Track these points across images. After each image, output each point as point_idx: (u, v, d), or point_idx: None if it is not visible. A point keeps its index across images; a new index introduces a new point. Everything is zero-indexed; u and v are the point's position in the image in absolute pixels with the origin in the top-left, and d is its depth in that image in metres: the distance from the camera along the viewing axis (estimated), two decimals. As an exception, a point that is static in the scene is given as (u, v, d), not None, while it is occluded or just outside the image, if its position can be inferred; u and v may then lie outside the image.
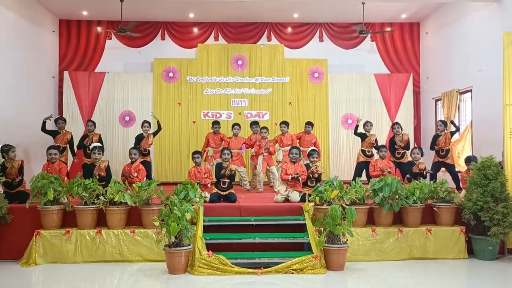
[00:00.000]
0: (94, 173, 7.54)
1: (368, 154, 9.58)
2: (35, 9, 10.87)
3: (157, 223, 5.94)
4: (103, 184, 7.06)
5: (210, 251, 5.99)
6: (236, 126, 9.83)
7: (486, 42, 9.45)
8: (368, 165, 9.24)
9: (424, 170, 8.55)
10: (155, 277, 5.83)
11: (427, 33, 12.34)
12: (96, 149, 7.79)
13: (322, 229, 6.20)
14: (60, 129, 9.62)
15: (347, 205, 6.59)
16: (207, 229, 6.60)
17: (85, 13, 11.74)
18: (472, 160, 7.70)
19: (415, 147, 9.11)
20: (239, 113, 12.15)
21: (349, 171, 11.39)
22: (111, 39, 12.28)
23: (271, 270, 5.87)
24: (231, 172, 7.72)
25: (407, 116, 12.39)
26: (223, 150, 8.08)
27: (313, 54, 12.49)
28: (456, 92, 10.45)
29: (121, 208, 6.69)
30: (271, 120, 11.99)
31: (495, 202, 6.63)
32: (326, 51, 12.51)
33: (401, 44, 12.73)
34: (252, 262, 6.07)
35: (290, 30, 12.60)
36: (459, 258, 6.70)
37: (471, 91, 10.09)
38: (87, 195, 6.71)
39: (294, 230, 6.79)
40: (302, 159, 8.70)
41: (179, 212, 5.85)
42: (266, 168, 9.56)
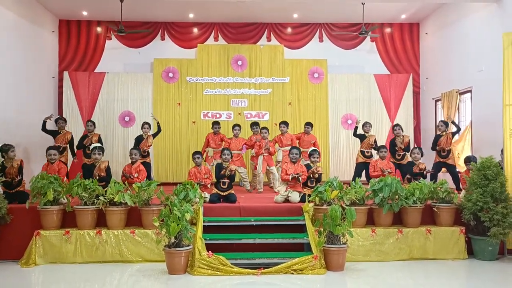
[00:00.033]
0: (94, 173, 7.54)
1: (367, 155, 9.58)
2: (35, 9, 10.87)
3: (157, 224, 5.94)
4: (103, 185, 7.06)
5: (210, 251, 5.99)
6: (236, 127, 9.83)
7: (486, 43, 9.46)
8: (367, 166, 9.25)
9: (424, 170, 8.55)
10: (155, 277, 5.83)
11: (426, 33, 12.35)
12: (96, 149, 7.79)
13: (322, 229, 6.20)
14: (60, 129, 9.62)
15: (347, 205, 6.58)
16: (207, 229, 6.60)
17: (85, 13, 11.74)
18: (472, 160, 7.70)
19: (415, 147, 9.12)
20: (239, 113, 12.15)
21: (348, 172, 11.39)
22: (111, 39, 12.28)
23: (271, 271, 5.87)
24: (231, 172, 7.72)
25: (407, 116, 12.39)
26: (223, 151, 8.07)
27: (313, 55, 12.49)
28: (456, 92, 10.45)
29: (121, 209, 6.69)
30: (271, 121, 11.99)
31: (495, 203, 6.63)
32: (326, 52, 12.52)
33: (400, 44, 12.74)
34: (252, 262, 6.07)
35: (290, 30, 12.60)
36: (458, 259, 6.70)
37: (470, 91, 10.09)
38: (87, 196, 6.71)
39: (294, 231, 6.80)
40: (302, 159, 8.70)
41: (179, 212, 5.85)
42: (266, 169, 9.56)
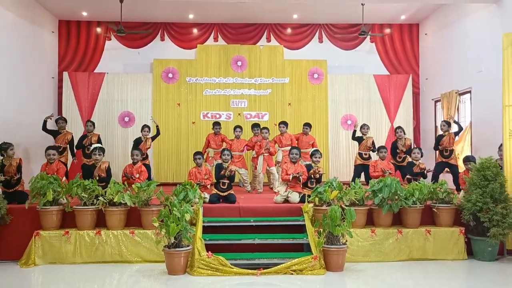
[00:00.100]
0: (94, 174, 7.53)
1: (365, 157, 9.57)
2: (34, 9, 10.86)
3: (156, 224, 5.94)
4: (103, 185, 7.05)
5: (210, 251, 5.99)
6: (238, 129, 9.81)
7: (486, 43, 9.46)
8: (365, 167, 9.31)
9: (425, 170, 8.55)
10: (155, 278, 5.83)
11: (426, 34, 12.35)
12: (97, 150, 7.77)
13: (322, 230, 6.20)
14: (61, 129, 9.60)
15: (346, 206, 6.58)
16: (206, 229, 6.60)
17: (84, 13, 11.74)
18: (471, 160, 7.71)
19: (415, 147, 9.12)
20: (239, 114, 12.15)
21: (348, 172, 11.39)
22: (110, 39, 12.27)
23: (270, 271, 5.87)
24: (231, 173, 7.71)
25: (407, 117, 12.39)
26: (223, 151, 8.06)
27: (312, 55, 12.49)
28: (456, 93, 10.45)
29: (120, 209, 6.69)
30: (270, 121, 11.98)
31: (495, 203, 6.63)
32: (325, 52, 12.52)
33: (400, 45, 12.74)
34: (252, 263, 6.07)
35: (289, 31, 12.60)
36: (458, 259, 6.70)
37: (470, 92, 10.09)
38: (87, 196, 6.71)
39: (293, 231, 6.79)
40: (301, 159, 8.69)
41: (178, 213, 5.85)
42: (266, 169, 9.56)
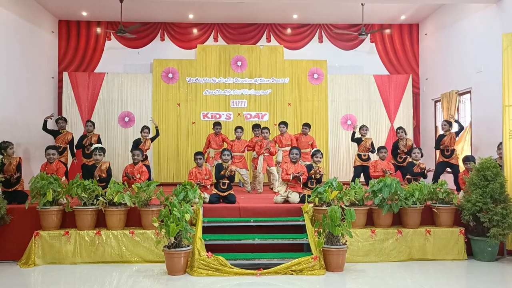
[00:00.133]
0: (94, 174, 7.52)
1: (363, 158, 9.57)
2: (34, 9, 10.86)
3: (156, 224, 5.94)
4: (103, 185, 7.05)
5: (210, 252, 5.99)
6: (238, 129, 9.81)
7: (485, 43, 9.46)
8: (364, 168, 9.34)
9: (425, 169, 8.55)
10: (154, 278, 5.83)
11: (426, 34, 12.35)
12: (97, 150, 7.76)
13: (322, 230, 6.20)
14: (61, 129, 9.59)
15: (346, 206, 6.58)
16: (206, 230, 6.60)
17: (84, 13, 11.74)
18: (470, 159, 7.72)
19: (415, 147, 9.12)
20: (239, 114, 12.15)
21: (348, 172, 11.40)
22: (110, 40, 12.28)
23: (270, 271, 5.87)
24: (231, 173, 7.71)
25: (407, 117, 12.39)
26: (223, 151, 8.06)
27: (312, 55, 12.50)
28: (455, 93, 10.45)
29: (120, 209, 6.69)
30: (270, 121, 11.98)
31: (494, 203, 6.64)
32: (325, 52, 12.52)
33: (400, 45, 12.74)
34: (252, 263, 6.07)
35: (289, 31, 12.60)
36: (458, 259, 6.71)
37: (470, 92, 10.09)
38: (87, 196, 6.71)
39: (293, 231, 6.80)
40: (300, 160, 8.69)
41: (178, 213, 5.85)
42: (266, 169, 9.56)
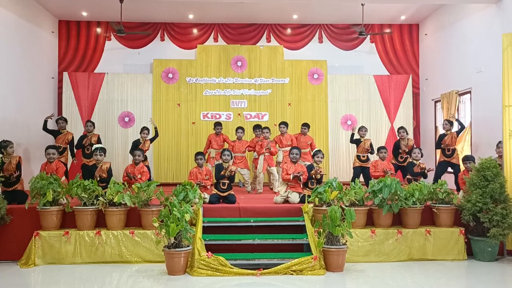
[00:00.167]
0: (95, 174, 7.51)
1: (362, 159, 9.56)
2: (34, 9, 10.86)
3: (156, 224, 5.94)
4: (103, 186, 7.04)
5: (210, 252, 5.99)
6: (239, 130, 9.81)
7: (485, 44, 9.46)
8: (364, 169, 9.34)
9: (425, 169, 8.56)
10: (154, 278, 5.83)
11: (426, 34, 12.36)
12: (98, 150, 7.75)
13: (322, 230, 6.20)
14: (61, 129, 9.58)
15: (346, 206, 6.58)
16: (206, 230, 6.60)
17: (84, 14, 11.74)
18: (470, 159, 7.73)
19: (415, 147, 9.12)
20: (239, 114, 12.15)
21: (348, 172, 11.39)
22: (110, 40, 12.27)
23: (270, 271, 5.87)
24: (231, 173, 7.71)
25: (407, 117, 12.39)
26: (223, 151, 8.06)
27: (312, 55, 12.51)
28: (455, 93, 10.45)
29: (120, 209, 6.69)
30: (270, 121, 11.99)
31: (494, 203, 6.64)
32: (325, 52, 12.52)
33: (400, 45, 12.74)
34: (252, 263, 6.07)
35: (289, 31, 12.60)
36: (458, 259, 6.70)
37: (470, 92, 10.09)
38: (87, 196, 6.70)
39: (293, 231, 6.79)
40: (299, 160, 8.70)
41: (178, 213, 5.85)
42: (266, 169, 9.56)
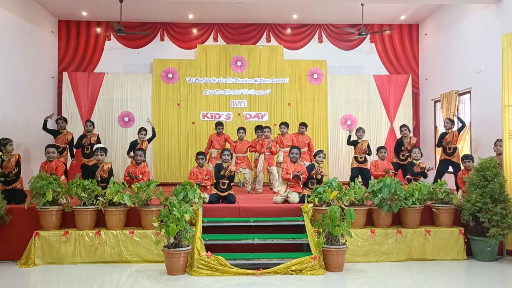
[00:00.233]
0: (96, 174, 7.49)
1: (360, 160, 9.54)
2: (34, 9, 10.86)
3: (156, 224, 5.94)
4: (104, 186, 7.03)
5: (209, 252, 5.99)
6: (241, 130, 9.80)
7: (485, 44, 9.46)
8: (362, 170, 9.35)
9: (425, 169, 8.56)
10: (154, 278, 5.83)
11: (426, 34, 12.36)
12: (99, 150, 7.73)
13: (321, 230, 6.20)
14: (61, 129, 9.57)
15: (346, 206, 6.58)
16: (206, 230, 6.60)
17: (84, 13, 11.74)
18: (469, 158, 7.73)
19: (414, 147, 9.13)
20: (238, 114, 12.15)
21: (348, 172, 11.33)
22: (110, 40, 12.27)
23: (270, 271, 5.87)
24: (231, 173, 7.71)
25: (406, 117, 12.38)
26: (223, 151, 8.06)
27: (312, 55, 12.50)
28: (455, 93, 10.45)
29: (120, 209, 6.69)
30: (270, 121, 11.99)
31: (494, 203, 6.64)
32: (325, 52, 12.52)
33: (400, 45, 12.74)
34: (251, 263, 6.07)
35: (289, 31, 12.60)
36: (458, 259, 6.71)
37: (470, 92, 10.10)
38: (86, 196, 6.70)
39: (293, 231, 6.80)
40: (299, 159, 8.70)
41: (178, 213, 5.85)
42: (266, 168, 9.56)
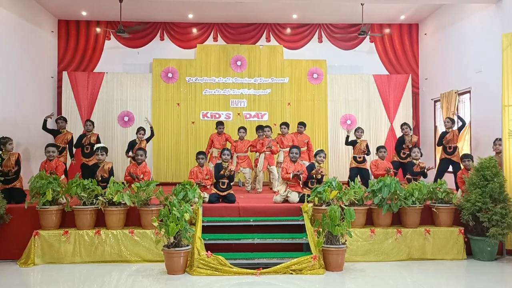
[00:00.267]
0: (96, 174, 7.49)
1: (359, 160, 9.54)
2: (34, 9, 10.85)
3: (156, 224, 5.94)
4: (104, 185, 7.03)
5: (209, 251, 5.99)
6: (241, 130, 9.82)
7: (485, 44, 9.46)
8: (360, 170, 9.36)
9: (425, 168, 8.56)
10: (154, 277, 5.83)
11: (426, 34, 12.36)
12: (100, 150, 7.73)
13: (321, 229, 6.21)
14: (61, 128, 9.57)
15: (346, 205, 6.58)
16: (206, 229, 6.60)
17: (84, 13, 11.73)
18: (469, 157, 7.73)
19: (414, 147, 9.14)
20: (238, 113, 12.14)
21: (347, 172, 11.36)
22: (110, 39, 12.27)
23: (270, 271, 5.88)
24: (230, 172, 7.72)
25: (406, 117, 12.37)
26: (223, 151, 8.07)
27: (312, 55, 12.50)
28: (455, 93, 10.46)
29: (120, 209, 6.69)
30: (270, 121, 11.99)
31: (494, 203, 6.64)
32: (325, 52, 12.51)
33: (400, 45, 12.74)
34: (251, 262, 6.07)
35: (289, 31, 12.60)
36: (457, 259, 6.72)
37: (470, 92, 10.10)
38: (86, 196, 6.70)
39: (293, 231, 6.80)
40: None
41: (178, 212, 5.85)
42: (266, 167, 9.56)
